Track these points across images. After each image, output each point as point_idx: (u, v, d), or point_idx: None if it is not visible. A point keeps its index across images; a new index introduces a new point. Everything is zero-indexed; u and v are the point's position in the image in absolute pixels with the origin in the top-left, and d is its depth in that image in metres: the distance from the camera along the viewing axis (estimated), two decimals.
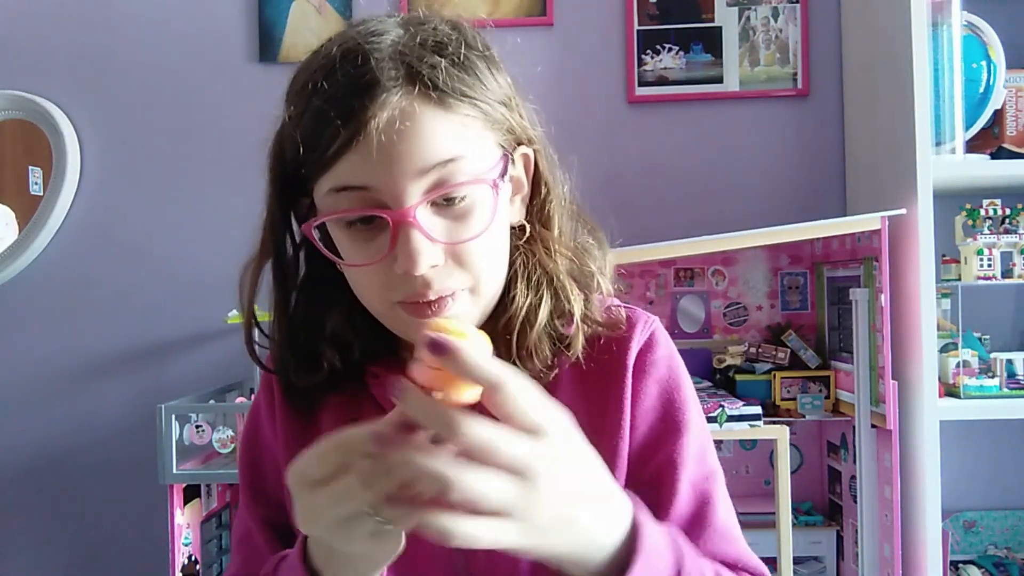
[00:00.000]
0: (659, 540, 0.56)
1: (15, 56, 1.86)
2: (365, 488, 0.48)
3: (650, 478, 0.70)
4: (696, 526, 0.69)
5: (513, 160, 0.68)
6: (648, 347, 0.73)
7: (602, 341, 0.72)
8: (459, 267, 0.63)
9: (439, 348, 0.47)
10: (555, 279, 0.70)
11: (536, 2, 1.80)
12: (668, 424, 0.71)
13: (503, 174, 0.65)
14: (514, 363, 0.67)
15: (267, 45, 1.82)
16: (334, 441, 0.50)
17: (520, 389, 0.48)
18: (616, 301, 0.76)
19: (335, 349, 0.71)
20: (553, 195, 0.72)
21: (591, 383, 0.71)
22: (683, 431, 0.71)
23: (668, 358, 0.74)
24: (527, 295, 0.69)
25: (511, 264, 0.69)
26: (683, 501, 0.69)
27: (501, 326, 0.68)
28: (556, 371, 0.70)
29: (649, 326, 0.74)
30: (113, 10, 1.85)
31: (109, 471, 1.82)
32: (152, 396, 1.71)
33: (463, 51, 0.63)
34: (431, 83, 0.60)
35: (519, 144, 0.68)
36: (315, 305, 0.71)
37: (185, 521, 1.51)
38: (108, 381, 1.84)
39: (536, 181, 0.72)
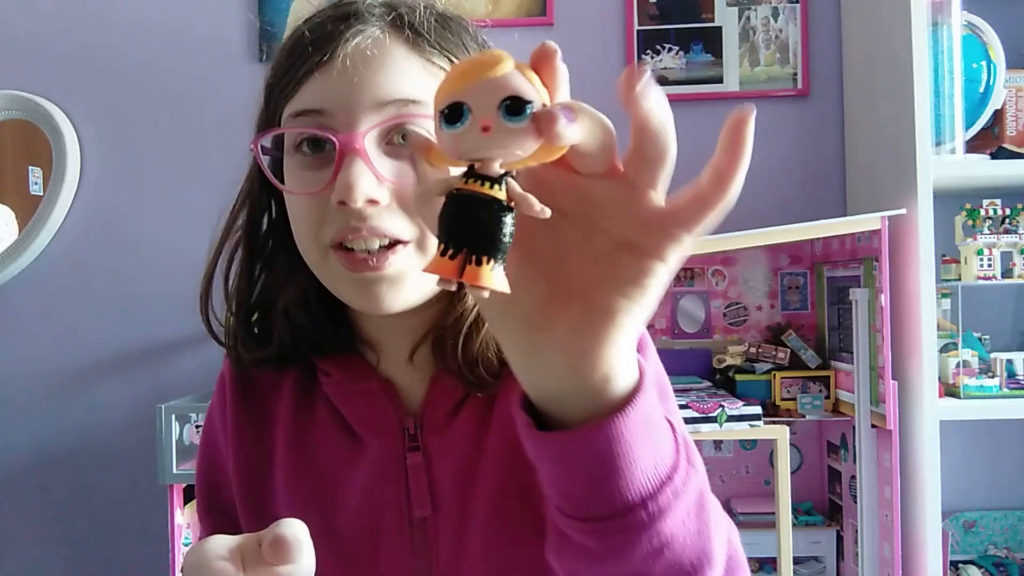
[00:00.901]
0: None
1: (15, 56, 1.86)
2: None
3: None
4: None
5: None
6: None
7: None
8: (404, 213, 0.58)
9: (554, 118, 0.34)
10: None
11: (536, 2, 1.80)
12: None
13: None
14: (459, 370, 0.63)
15: (267, 45, 1.82)
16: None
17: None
18: None
19: (287, 325, 0.67)
20: None
21: None
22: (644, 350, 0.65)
23: None
24: None
25: None
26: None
27: (449, 324, 0.64)
28: (502, 379, 0.63)
29: None
30: (113, 10, 1.85)
31: (109, 471, 1.82)
32: (152, 396, 1.71)
33: (456, 24, 0.63)
34: (410, 24, 0.60)
35: None
36: (273, 279, 0.68)
37: (185, 521, 1.51)
38: (108, 381, 1.84)
39: None
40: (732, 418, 1.41)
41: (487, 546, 0.63)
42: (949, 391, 1.47)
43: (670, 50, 1.79)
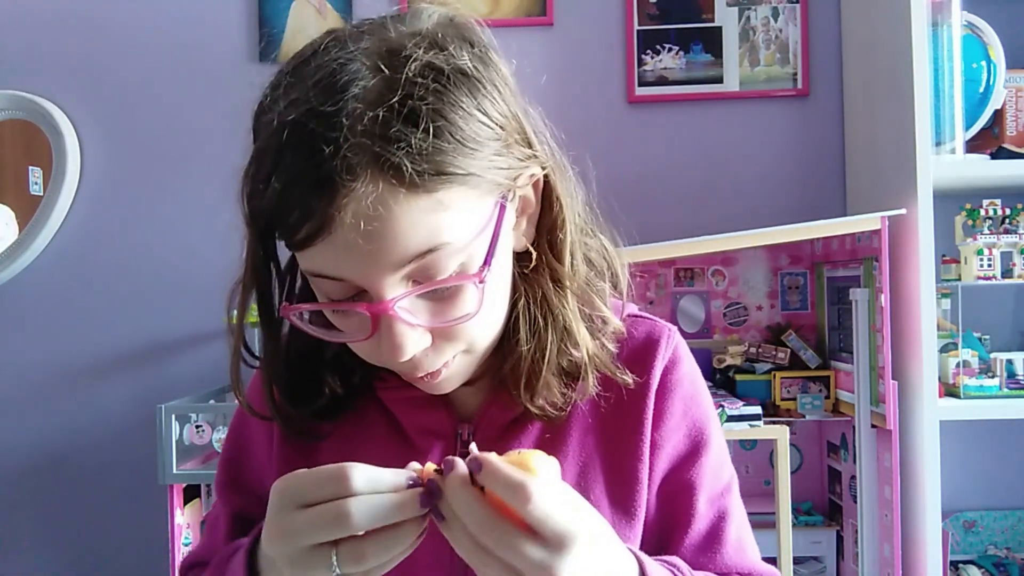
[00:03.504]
0: None
1: (15, 56, 1.86)
2: (346, 524, 0.48)
3: (669, 497, 0.69)
4: (713, 542, 0.69)
5: (514, 195, 0.61)
6: (672, 364, 0.70)
7: (623, 358, 0.68)
8: (449, 341, 0.59)
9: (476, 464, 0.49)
10: (563, 321, 0.64)
11: (536, 2, 1.80)
12: (692, 443, 0.70)
13: (491, 254, 0.58)
14: (525, 407, 0.65)
15: (267, 45, 1.82)
16: (338, 471, 0.50)
17: (549, 500, 0.48)
18: (633, 308, 0.72)
19: (336, 374, 0.67)
20: (565, 215, 0.64)
21: (610, 407, 0.68)
22: (705, 449, 0.70)
23: (691, 372, 0.71)
24: (531, 341, 0.64)
25: (513, 299, 0.64)
26: (700, 520, 0.69)
27: (507, 369, 0.65)
28: (569, 407, 0.66)
29: (672, 342, 0.71)
30: (113, 10, 1.85)
31: (109, 471, 1.82)
32: (152, 396, 1.71)
33: (445, 102, 0.54)
34: (401, 170, 0.51)
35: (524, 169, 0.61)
36: (301, 338, 0.65)
37: (185, 521, 1.51)
38: (108, 381, 1.84)
39: (547, 196, 0.64)
40: (732, 418, 1.41)
41: None
42: (949, 391, 1.47)
43: (670, 50, 1.79)
